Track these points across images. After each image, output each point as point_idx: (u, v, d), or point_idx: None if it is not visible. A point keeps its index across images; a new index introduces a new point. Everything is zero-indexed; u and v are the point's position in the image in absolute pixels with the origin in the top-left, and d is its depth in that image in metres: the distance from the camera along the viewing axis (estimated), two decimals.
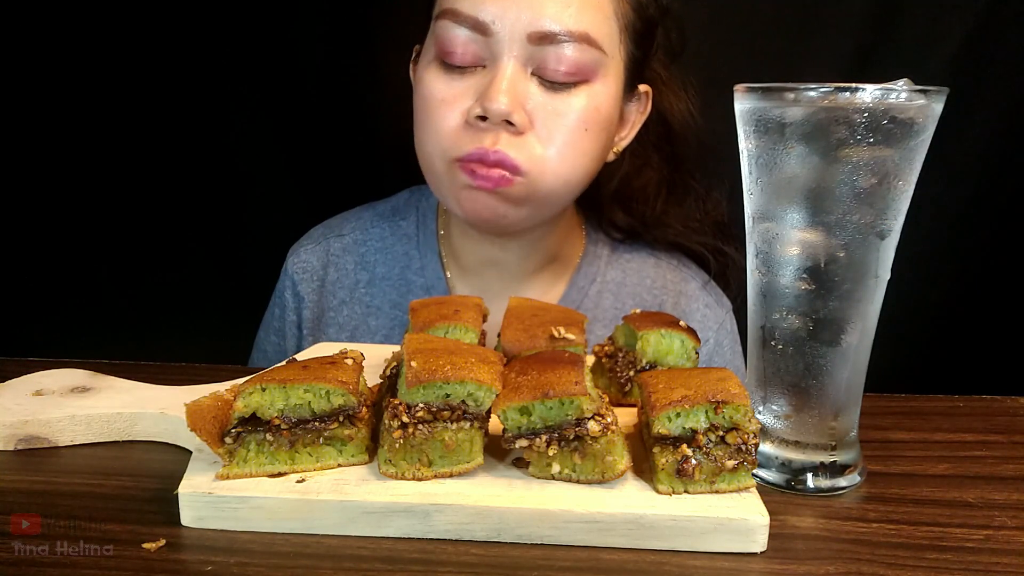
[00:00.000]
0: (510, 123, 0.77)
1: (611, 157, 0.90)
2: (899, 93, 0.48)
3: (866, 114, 0.48)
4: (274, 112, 1.19)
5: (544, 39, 0.77)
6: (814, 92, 0.48)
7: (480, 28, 0.77)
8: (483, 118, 0.78)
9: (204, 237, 1.23)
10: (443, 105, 0.81)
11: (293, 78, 1.18)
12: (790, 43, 1.14)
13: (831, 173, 0.50)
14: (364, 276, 0.98)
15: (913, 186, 0.52)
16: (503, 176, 0.79)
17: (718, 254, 1.01)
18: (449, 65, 0.81)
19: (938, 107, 0.50)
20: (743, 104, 0.53)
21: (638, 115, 0.91)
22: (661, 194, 0.99)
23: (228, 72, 1.16)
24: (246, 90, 1.18)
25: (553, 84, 0.79)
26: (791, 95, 0.49)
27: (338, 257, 0.99)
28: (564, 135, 0.80)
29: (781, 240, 0.53)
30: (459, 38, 0.79)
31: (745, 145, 0.54)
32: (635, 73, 0.87)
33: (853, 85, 0.48)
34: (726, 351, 0.98)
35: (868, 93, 0.48)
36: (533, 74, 0.79)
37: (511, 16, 0.77)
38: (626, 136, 0.91)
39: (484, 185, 0.79)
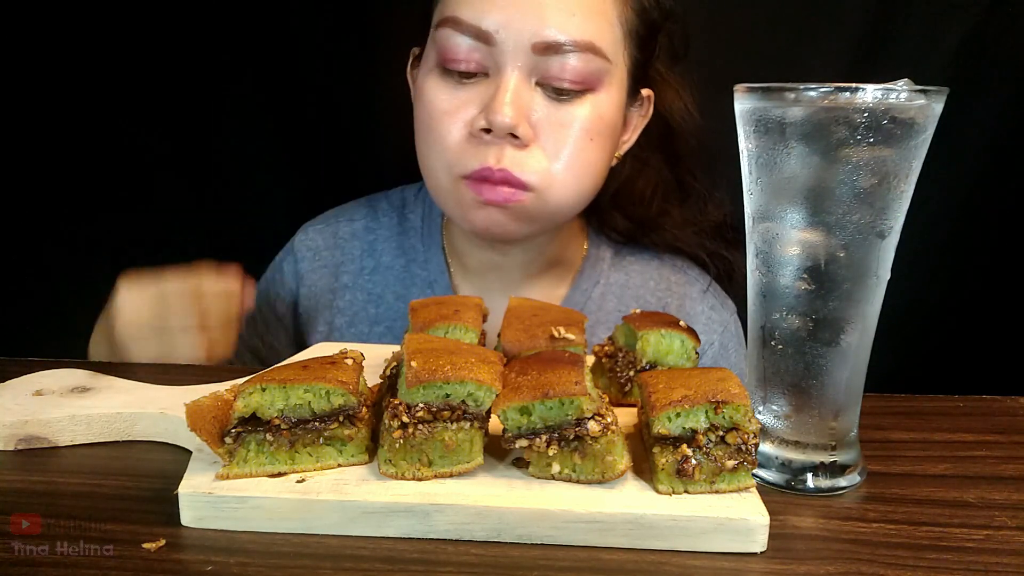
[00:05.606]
0: (515, 136, 0.77)
1: (613, 162, 0.90)
2: (899, 93, 0.48)
3: (866, 114, 0.48)
4: (274, 115, 1.19)
5: (548, 49, 0.76)
6: (814, 92, 0.48)
7: (483, 37, 0.76)
8: (487, 130, 0.77)
9: (204, 238, 1.23)
10: (446, 117, 0.79)
11: (292, 79, 1.18)
12: (790, 43, 1.14)
13: (831, 173, 0.50)
14: (370, 263, 0.98)
15: (913, 186, 0.52)
16: (512, 192, 0.78)
17: (717, 258, 1.00)
18: (451, 73, 0.79)
19: (938, 107, 0.50)
20: (743, 104, 0.53)
21: (639, 119, 0.91)
22: (658, 196, 0.98)
23: (227, 72, 1.16)
24: (245, 91, 1.18)
25: (558, 93, 0.78)
26: (791, 95, 0.49)
27: (346, 241, 0.99)
28: (570, 147, 0.79)
29: (781, 240, 0.53)
30: (461, 47, 0.77)
31: (745, 145, 0.54)
32: (638, 78, 0.87)
33: (853, 85, 0.48)
34: (731, 354, 0.98)
35: (868, 93, 0.48)
36: (538, 84, 0.78)
37: (515, 26, 0.75)
38: (628, 140, 0.91)
39: (494, 200, 0.78)
